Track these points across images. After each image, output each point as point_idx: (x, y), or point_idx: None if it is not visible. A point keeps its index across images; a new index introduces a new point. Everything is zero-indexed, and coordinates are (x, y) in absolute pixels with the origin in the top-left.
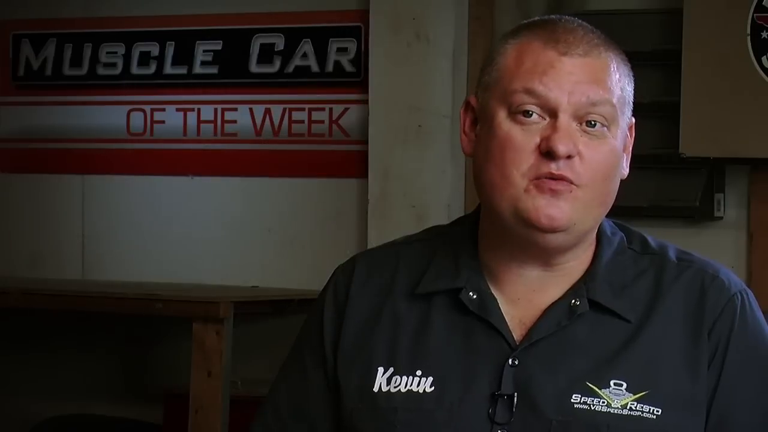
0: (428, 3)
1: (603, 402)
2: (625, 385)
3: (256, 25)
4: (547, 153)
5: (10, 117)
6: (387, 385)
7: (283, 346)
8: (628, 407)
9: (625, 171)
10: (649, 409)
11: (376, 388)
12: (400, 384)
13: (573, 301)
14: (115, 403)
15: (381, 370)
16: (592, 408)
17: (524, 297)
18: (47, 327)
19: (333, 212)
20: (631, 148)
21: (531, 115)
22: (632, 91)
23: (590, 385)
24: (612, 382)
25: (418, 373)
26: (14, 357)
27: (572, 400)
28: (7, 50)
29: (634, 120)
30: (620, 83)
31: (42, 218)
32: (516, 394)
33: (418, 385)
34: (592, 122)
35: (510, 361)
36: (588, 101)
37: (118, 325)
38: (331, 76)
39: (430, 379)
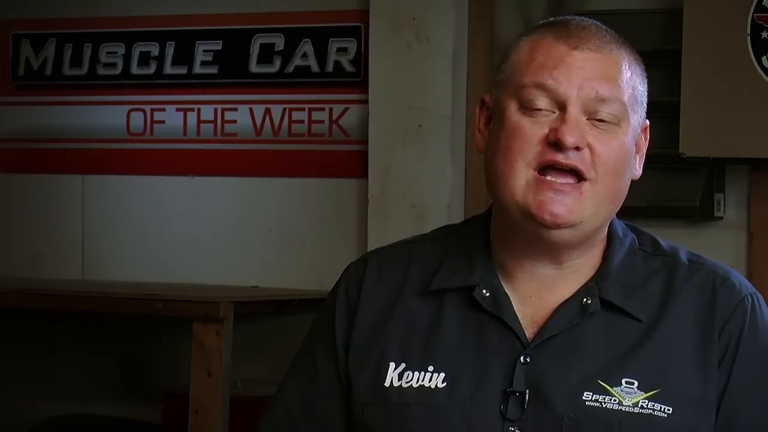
0: (428, 3)
1: (614, 400)
2: (636, 383)
3: (256, 25)
4: (554, 143)
5: (10, 117)
6: (398, 381)
7: (283, 346)
8: (639, 405)
9: (638, 172)
10: (660, 407)
11: (387, 383)
12: (411, 379)
13: (585, 299)
14: (115, 403)
15: (392, 365)
16: (604, 406)
17: (536, 295)
18: (47, 327)
19: (333, 212)
20: (645, 150)
21: (541, 108)
22: (645, 92)
23: (602, 383)
24: (623, 381)
25: (430, 368)
26: (14, 357)
27: (584, 398)
28: (7, 50)
29: (648, 122)
30: (631, 81)
31: (42, 218)
32: (528, 391)
33: (430, 380)
34: (602, 118)
35: (522, 358)
36: (597, 97)
37: (118, 325)
38: (331, 76)
39: (442, 375)
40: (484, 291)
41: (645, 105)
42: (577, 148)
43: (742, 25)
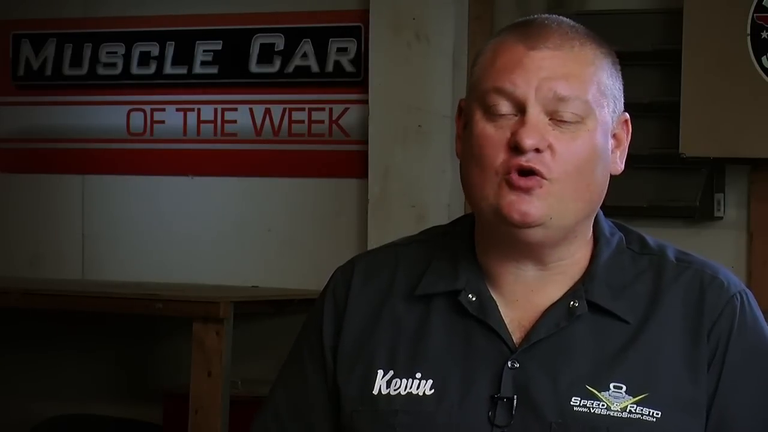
0: (428, 3)
1: (602, 405)
2: (624, 387)
3: (256, 25)
4: (515, 147)
5: (10, 117)
6: (387, 388)
7: (283, 346)
8: (627, 410)
9: (620, 166)
10: (649, 411)
11: (375, 391)
12: (399, 387)
13: (572, 302)
14: (115, 403)
15: (381, 372)
16: (592, 411)
17: (523, 298)
18: (48, 327)
19: (333, 212)
20: (627, 144)
21: (504, 113)
22: (616, 85)
23: (590, 388)
24: (611, 385)
25: (418, 375)
26: (14, 357)
27: (572, 403)
28: (7, 50)
29: (627, 115)
30: (596, 77)
31: (42, 218)
32: (515, 396)
33: (418, 387)
34: (563, 118)
35: (509, 363)
36: (555, 96)
37: (118, 325)
38: (331, 76)
39: (430, 381)
40: (470, 296)
41: (620, 98)
42: (537, 150)
43: (742, 25)
